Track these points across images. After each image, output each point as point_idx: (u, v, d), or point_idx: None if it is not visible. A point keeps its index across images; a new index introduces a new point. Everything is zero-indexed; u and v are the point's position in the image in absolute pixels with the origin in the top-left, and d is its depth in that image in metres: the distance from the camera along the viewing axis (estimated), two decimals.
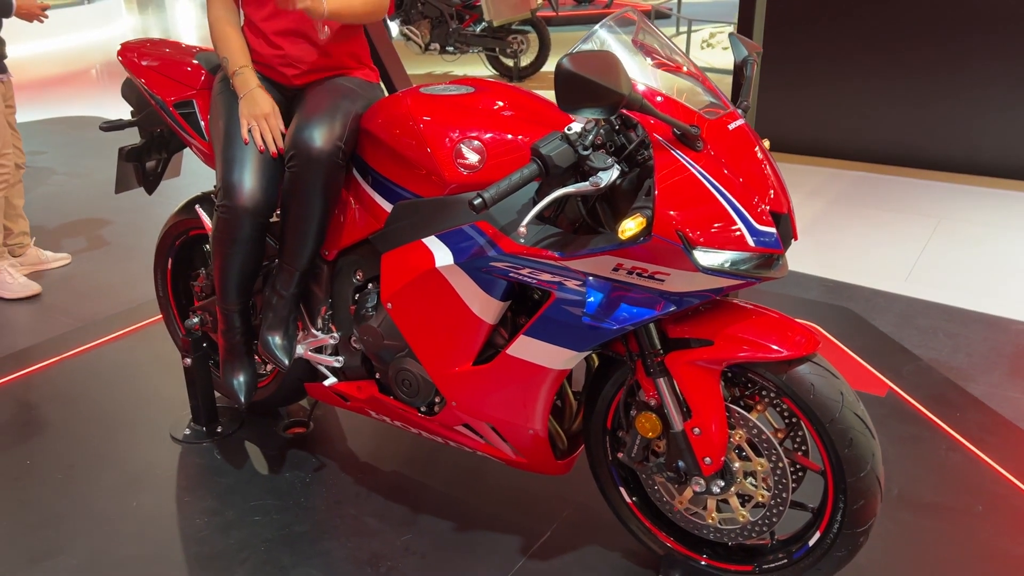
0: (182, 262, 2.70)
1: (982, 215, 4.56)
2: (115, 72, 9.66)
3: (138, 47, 2.43)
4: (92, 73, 9.53)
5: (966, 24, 4.99)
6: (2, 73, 3.55)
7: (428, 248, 1.87)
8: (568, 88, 1.43)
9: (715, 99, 1.75)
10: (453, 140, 1.84)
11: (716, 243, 1.55)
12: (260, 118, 2.05)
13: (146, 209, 4.79)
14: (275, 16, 2.09)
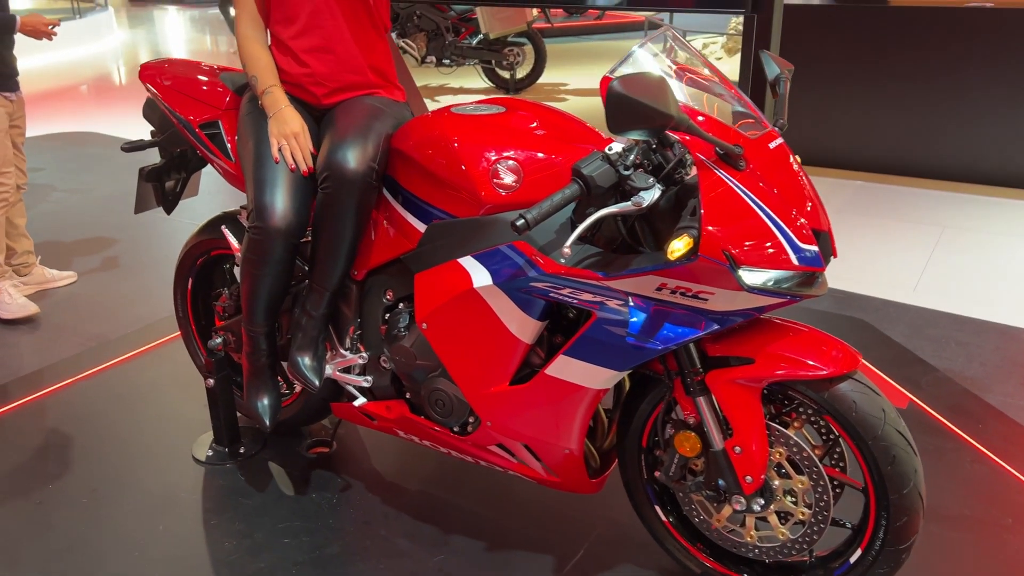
0: (202, 282, 2.69)
1: (985, 224, 4.60)
2: (108, 87, 9.62)
3: (160, 67, 2.42)
4: (83, 89, 9.48)
5: (965, 37, 5.05)
6: (10, 92, 3.51)
7: (464, 268, 1.86)
8: (619, 110, 1.43)
9: (752, 117, 1.76)
10: (489, 160, 1.84)
11: (761, 262, 1.55)
12: (290, 137, 2.04)
13: (149, 226, 4.77)
14: (304, 34, 2.09)
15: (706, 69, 1.84)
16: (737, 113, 1.78)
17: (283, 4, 2.08)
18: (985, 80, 5.03)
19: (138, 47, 12.82)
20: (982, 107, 5.08)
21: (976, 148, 5.16)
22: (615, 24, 12.15)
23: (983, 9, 5.09)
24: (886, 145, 5.40)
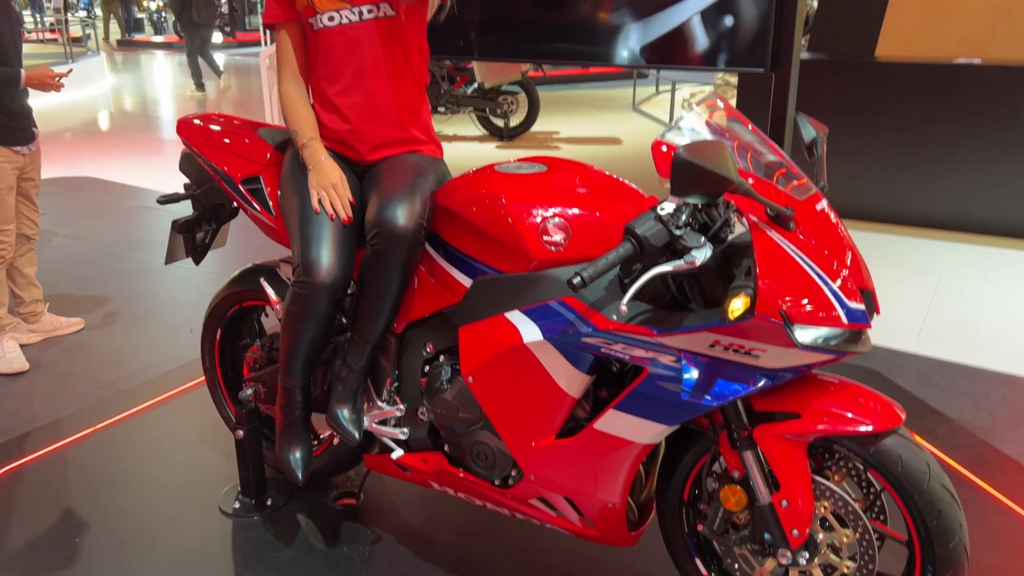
0: (230, 333, 2.70)
1: (980, 272, 4.71)
2: (102, 132, 9.64)
3: (197, 123, 2.45)
4: (77, 134, 9.49)
5: (954, 91, 5.21)
6: (21, 146, 3.48)
7: (512, 323, 1.89)
8: (684, 175, 1.48)
9: (796, 177, 1.81)
10: (538, 218, 1.88)
11: (813, 320, 1.59)
12: (328, 187, 2.08)
13: (152, 272, 4.78)
14: (349, 91, 2.14)
15: (750, 130, 1.90)
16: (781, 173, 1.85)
17: (329, 61, 2.13)
18: (975, 133, 5.18)
19: (130, 91, 12.87)
20: (973, 159, 5.22)
21: (968, 198, 5.29)
22: (605, 73, 12.39)
23: (971, 65, 5.26)
24: (880, 194, 5.52)
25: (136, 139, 9.11)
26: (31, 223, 3.71)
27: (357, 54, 2.11)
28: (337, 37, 2.11)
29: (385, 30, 2.11)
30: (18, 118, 3.46)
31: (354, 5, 2.08)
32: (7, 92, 3.34)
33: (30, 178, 3.61)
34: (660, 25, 3.07)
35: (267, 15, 2.19)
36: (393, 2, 2.09)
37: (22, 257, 3.71)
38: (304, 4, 2.10)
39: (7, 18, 3.37)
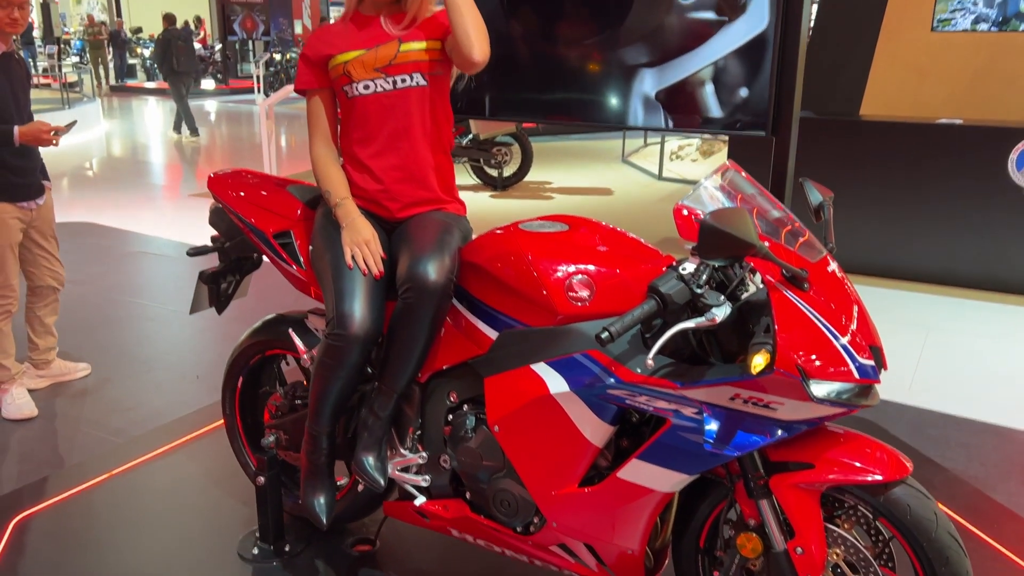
0: (250, 381, 2.76)
1: (966, 325, 4.85)
2: (101, 177, 9.72)
3: (228, 179, 2.55)
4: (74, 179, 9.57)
5: (938, 150, 5.42)
6: (25, 201, 3.45)
7: (538, 375, 1.99)
8: (711, 240, 1.60)
9: (801, 235, 1.94)
10: (563, 275, 1.99)
11: (827, 375, 1.70)
12: (361, 244, 2.18)
13: (155, 318, 4.84)
14: (381, 154, 2.26)
15: (759, 191, 2.03)
16: (787, 230, 1.97)
17: (364, 126, 2.25)
18: (958, 190, 5.38)
19: (125, 136, 12.99)
20: (957, 215, 5.41)
21: (953, 253, 5.47)
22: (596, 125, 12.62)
23: (953, 125, 5.48)
24: (867, 248, 5.68)
25: (133, 184, 9.20)
26: (55, 274, 3.72)
27: (390, 120, 2.24)
28: (372, 104, 2.23)
29: (416, 98, 2.24)
30: (23, 173, 3.43)
31: (388, 75, 2.21)
32: (4, 149, 3.31)
33: (42, 230, 3.61)
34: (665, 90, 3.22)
35: (300, 81, 2.31)
36: (425, 72, 2.22)
37: (46, 307, 3.75)
38: (340, 73, 2.23)
39: (5, 74, 3.35)
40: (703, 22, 3.16)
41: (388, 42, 2.21)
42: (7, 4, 3.21)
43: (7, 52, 3.36)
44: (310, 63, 2.27)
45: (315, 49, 2.26)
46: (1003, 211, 5.26)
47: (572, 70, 3.50)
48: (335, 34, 2.26)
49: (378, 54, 2.20)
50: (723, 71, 3.10)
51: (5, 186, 3.37)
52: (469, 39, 2.09)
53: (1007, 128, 5.29)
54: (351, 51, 2.21)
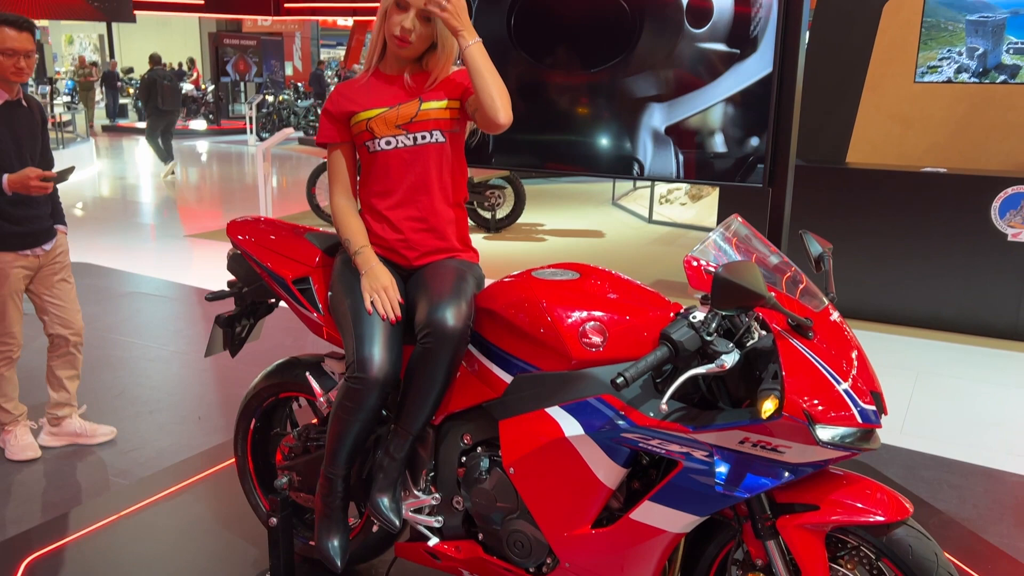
0: (263, 423, 2.82)
1: (954, 369, 4.96)
2: (96, 217, 9.77)
3: (247, 226, 2.64)
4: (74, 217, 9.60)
5: (923, 197, 5.58)
6: (27, 249, 3.39)
7: (552, 418, 2.06)
8: (724, 292, 1.69)
9: (801, 282, 2.03)
10: (577, 321, 2.07)
11: (832, 420, 1.78)
12: (380, 290, 2.27)
13: (155, 359, 4.87)
14: (400, 206, 2.35)
15: (761, 241, 2.13)
16: (788, 277, 2.06)
17: (384, 179, 2.35)
18: (943, 236, 5.53)
19: (119, 176, 13.06)
20: (942, 261, 5.55)
21: (939, 298, 5.60)
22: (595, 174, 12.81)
23: (937, 174, 5.64)
24: (855, 293, 5.81)
25: (127, 224, 9.26)
26: (65, 322, 3.59)
27: (410, 174, 2.34)
28: (393, 159, 2.33)
29: (435, 154, 2.34)
30: (21, 221, 3.36)
31: (410, 132, 2.31)
32: (15, 197, 3.28)
33: (50, 276, 3.53)
34: (667, 143, 3.34)
35: (322, 135, 2.41)
36: (444, 129, 2.33)
37: (58, 358, 3.65)
38: (363, 129, 2.33)
39: (7, 123, 3.30)
40: (701, 78, 3.30)
41: (410, 101, 2.32)
42: (12, 53, 3.20)
43: (11, 100, 3.33)
44: (332, 118, 2.37)
45: (338, 105, 2.36)
46: (988, 257, 5.40)
47: (572, 121, 3.62)
48: (357, 91, 2.36)
49: (400, 112, 2.31)
50: (723, 127, 3.22)
51: (2, 235, 3.32)
52: (494, 103, 2.20)
53: (990, 177, 5.46)
54: (374, 108, 2.32)
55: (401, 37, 2.26)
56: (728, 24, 3.25)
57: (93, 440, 3.77)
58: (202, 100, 21.02)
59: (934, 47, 6.54)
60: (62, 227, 3.62)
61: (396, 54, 2.32)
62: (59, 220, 3.62)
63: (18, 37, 3.20)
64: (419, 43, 2.29)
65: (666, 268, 7.35)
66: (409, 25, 2.24)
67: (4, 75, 3.24)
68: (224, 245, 7.94)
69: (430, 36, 2.30)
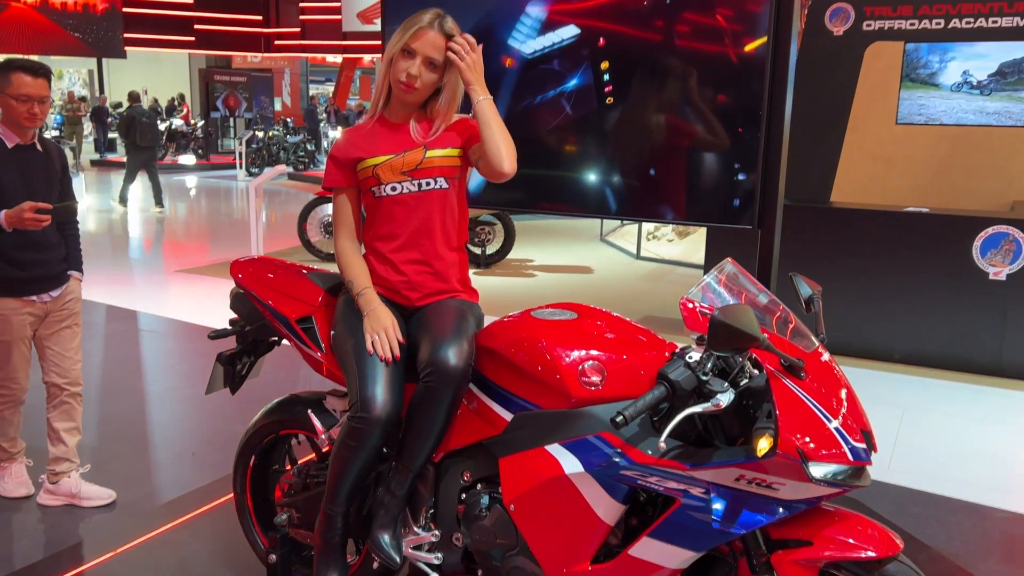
0: (262, 459, 2.85)
1: (940, 405, 5.04)
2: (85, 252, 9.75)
3: (251, 266, 2.69)
4: None
5: (906, 237, 5.70)
6: (34, 295, 3.31)
7: (552, 455, 2.11)
8: (721, 334, 1.76)
9: (791, 322, 2.10)
10: (576, 360, 2.13)
11: (824, 458, 1.84)
12: (381, 331, 2.32)
13: (147, 395, 4.88)
14: (404, 249, 2.42)
15: (752, 283, 2.21)
16: (778, 317, 2.14)
17: (388, 224, 2.42)
18: (927, 274, 5.64)
19: (108, 211, 13.08)
20: (926, 298, 5.65)
21: (923, 335, 5.69)
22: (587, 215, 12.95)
23: (920, 213, 5.77)
24: (841, 329, 5.89)
25: (117, 259, 9.27)
26: (61, 371, 3.47)
27: (414, 219, 2.41)
28: (398, 205, 2.41)
29: (439, 199, 2.42)
30: (27, 266, 3.27)
31: (415, 178, 2.39)
32: (22, 241, 3.21)
33: (53, 324, 3.42)
34: (659, 185, 3.43)
35: (328, 180, 2.48)
36: (448, 176, 2.40)
37: (54, 409, 3.50)
38: (369, 175, 2.40)
39: (19, 166, 3.25)
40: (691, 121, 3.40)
41: (415, 148, 2.39)
42: (27, 99, 3.18)
43: (24, 144, 3.29)
44: (339, 164, 2.44)
45: (344, 152, 2.43)
46: (970, 295, 5.51)
47: (563, 163, 3.71)
48: (363, 137, 2.43)
49: (405, 159, 2.38)
50: (715, 170, 3.32)
51: (5, 280, 3.24)
52: (500, 154, 2.29)
53: (971, 217, 5.59)
54: (380, 155, 2.39)
55: (407, 83, 2.33)
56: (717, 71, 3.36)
57: (91, 503, 3.53)
58: (191, 135, 21.12)
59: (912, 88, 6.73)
60: (77, 273, 3.51)
61: (401, 99, 2.40)
62: (74, 266, 3.51)
63: (34, 83, 3.20)
64: (424, 89, 2.37)
65: (655, 304, 7.43)
66: (415, 71, 2.32)
67: (18, 120, 3.22)
68: (214, 280, 7.99)
69: (435, 83, 2.38)
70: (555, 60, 3.66)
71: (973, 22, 6.46)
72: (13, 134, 3.27)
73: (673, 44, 3.41)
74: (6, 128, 3.26)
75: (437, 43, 2.32)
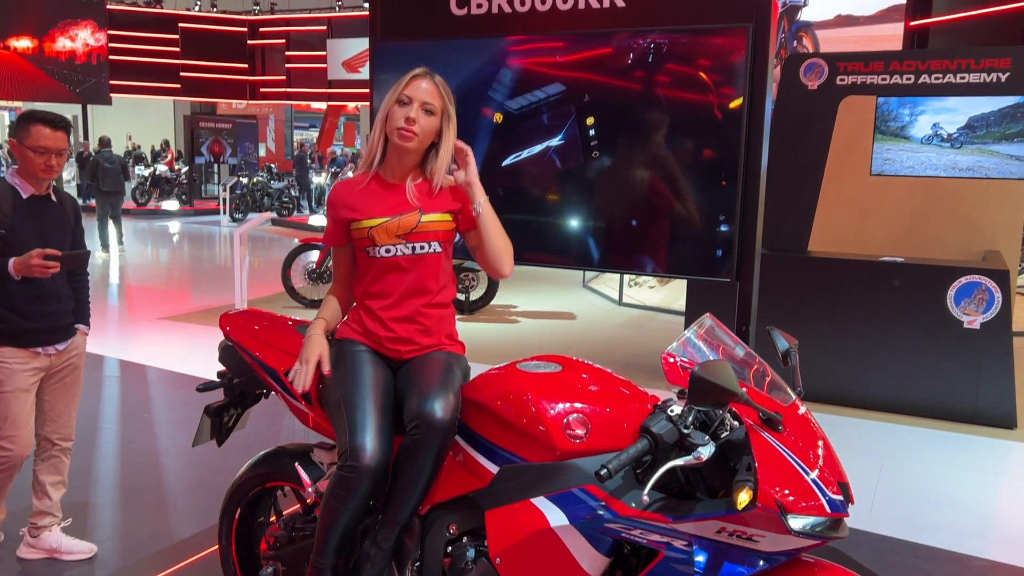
0: (247, 512, 2.85)
1: (918, 452, 5.10)
2: None
3: (240, 318, 2.73)
4: None
5: (882, 285, 5.81)
6: (39, 346, 3.25)
7: (538, 508, 2.14)
8: (701, 390, 1.81)
9: (768, 375, 2.17)
10: (561, 413, 2.17)
11: (802, 510, 1.89)
12: (306, 361, 2.44)
13: (126, 445, 4.86)
14: (395, 307, 2.48)
15: (731, 338, 2.27)
16: (755, 371, 2.20)
17: (380, 283, 2.49)
18: (904, 323, 5.74)
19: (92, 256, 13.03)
20: (903, 346, 5.75)
21: (902, 382, 5.77)
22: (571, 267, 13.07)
23: (895, 263, 5.89)
24: (820, 377, 5.96)
25: (99, 306, 9.24)
26: (54, 426, 3.40)
27: (406, 280, 2.47)
28: (391, 266, 2.47)
29: (431, 262, 2.49)
30: (35, 317, 3.21)
31: (409, 241, 2.45)
32: (9, 286, 3.13)
33: (56, 378, 3.37)
34: (640, 238, 3.51)
35: (327, 239, 2.58)
36: (441, 240, 2.48)
37: (43, 463, 3.43)
38: (363, 236, 2.46)
39: (33, 216, 3.22)
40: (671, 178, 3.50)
41: (410, 211, 2.46)
42: (45, 151, 3.14)
43: (38, 195, 3.25)
44: (335, 222, 2.52)
45: (338, 212, 2.50)
46: (946, 344, 5.61)
47: (547, 217, 3.79)
48: (358, 196, 2.49)
49: (401, 222, 2.44)
50: (695, 226, 3.41)
51: (11, 331, 3.18)
52: (501, 259, 2.47)
53: (944, 267, 5.71)
54: (376, 218, 2.45)
55: (406, 128, 2.38)
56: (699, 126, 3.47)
57: (71, 557, 3.49)
58: (176, 181, 21.18)
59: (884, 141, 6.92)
60: (84, 327, 3.48)
61: (400, 147, 2.43)
62: (82, 319, 3.47)
63: (53, 136, 3.16)
64: (424, 136, 2.43)
65: (637, 351, 7.49)
66: (413, 115, 2.39)
67: (34, 172, 3.18)
68: (197, 328, 7.98)
69: (433, 129, 2.44)
70: (540, 115, 3.77)
71: (942, 77, 6.68)
72: (29, 185, 3.23)
73: (655, 99, 3.52)
74: (22, 179, 3.23)
75: (431, 90, 2.41)
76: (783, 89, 7.23)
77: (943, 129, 6.79)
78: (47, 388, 3.37)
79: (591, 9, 3.66)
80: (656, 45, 3.50)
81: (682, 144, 3.52)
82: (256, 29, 26.05)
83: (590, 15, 3.66)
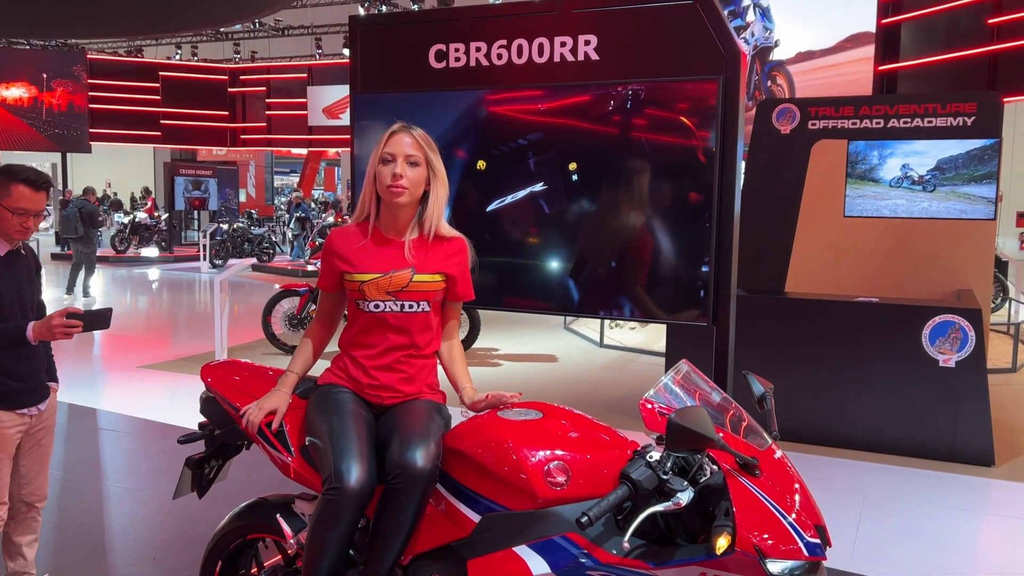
0: (228, 565, 2.83)
1: (899, 492, 5.13)
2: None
3: (220, 370, 2.74)
4: None
5: (857, 325, 5.89)
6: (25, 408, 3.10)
7: (520, 557, 2.15)
8: (678, 436, 1.85)
9: (744, 419, 2.21)
10: (542, 461, 2.20)
11: (781, 554, 1.92)
12: (262, 409, 2.52)
13: (109, 496, 4.80)
14: (378, 357, 2.52)
15: (707, 383, 2.31)
16: (731, 416, 2.23)
17: (367, 336, 2.53)
18: (880, 362, 5.81)
19: (56, 304, 12.96)
20: (882, 385, 5.81)
21: (881, 421, 5.83)
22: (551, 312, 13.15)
23: (869, 303, 5.98)
24: (798, 416, 6.01)
25: (77, 355, 9.17)
26: (30, 489, 3.26)
27: (393, 335, 2.52)
28: (379, 321, 2.52)
29: (420, 320, 2.54)
30: (23, 377, 3.07)
31: (399, 299, 2.50)
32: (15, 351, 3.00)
33: (33, 439, 3.21)
34: (619, 283, 3.57)
35: (321, 283, 2.63)
36: (430, 300, 2.52)
37: (18, 525, 3.29)
38: (354, 288, 2.51)
39: (11, 272, 3.05)
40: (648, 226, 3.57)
41: (403, 269, 2.50)
42: (23, 212, 2.97)
43: (13, 250, 3.09)
44: (328, 269, 2.57)
45: (335, 263, 2.55)
46: (922, 383, 5.68)
47: (527, 263, 3.84)
48: (355, 250, 2.53)
49: (392, 280, 2.49)
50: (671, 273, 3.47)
51: (3, 393, 3.03)
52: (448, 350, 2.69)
53: (918, 307, 5.80)
54: (368, 273, 2.50)
55: (394, 184, 2.44)
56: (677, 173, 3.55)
57: None
58: (155, 228, 21.14)
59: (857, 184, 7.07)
60: (54, 384, 3.31)
61: (393, 203, 2.48)
62: (52, 376, 3.30)
63: (33, 197, 2.99)
64: (414, 188, 2.48)
65: (619, 394, 7.51)
66: (399, 170, 2.44)
67: (7, 232, 3.01)
68: (177, 376, 7.93)
69: (423, 179, 2.50)
70: (522, 161, 3.84)
71: (910, 121, 6.87)
72: (3, 242, 3.06)
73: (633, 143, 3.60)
74: None
75: (411, 143, 2.48)
76: (757, 133, 7.39)
77: (914, 171, 6.95)
78: (24, 451, 3.21)
79: (567, 63, 3.76)
80: (634, 92, 3.60)
81: (660, 190, 3.59)
82: (237, 77, 26.29)
83: (566, 68, 3.76)
